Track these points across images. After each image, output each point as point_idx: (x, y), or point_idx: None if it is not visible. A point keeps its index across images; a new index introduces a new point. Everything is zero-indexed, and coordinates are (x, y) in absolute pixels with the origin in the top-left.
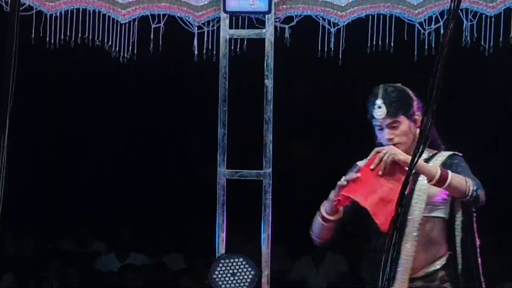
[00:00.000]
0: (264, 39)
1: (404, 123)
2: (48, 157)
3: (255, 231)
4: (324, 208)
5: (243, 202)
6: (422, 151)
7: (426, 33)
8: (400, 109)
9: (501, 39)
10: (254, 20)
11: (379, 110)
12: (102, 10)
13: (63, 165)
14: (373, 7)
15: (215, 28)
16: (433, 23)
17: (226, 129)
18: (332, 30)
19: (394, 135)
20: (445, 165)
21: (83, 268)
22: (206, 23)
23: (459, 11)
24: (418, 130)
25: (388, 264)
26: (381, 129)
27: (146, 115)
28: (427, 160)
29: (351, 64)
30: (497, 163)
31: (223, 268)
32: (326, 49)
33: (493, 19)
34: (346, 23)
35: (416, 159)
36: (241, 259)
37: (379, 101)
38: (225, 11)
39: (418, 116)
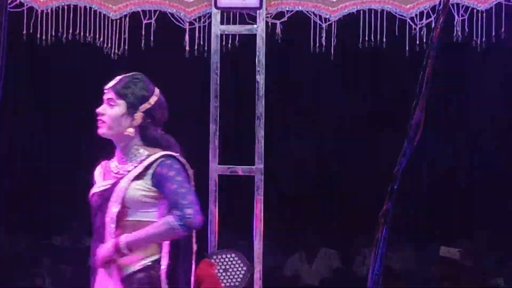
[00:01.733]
0: (255, 34)
1: (121, 108)
2: (41, 153)
3: (247, 226)
4: None
5: (235, 198)
6: (413, 147)
7: (418, 28)
8: (125, 92)
9: (493, 34)
10: (246, 15)
11: (109, 83)
12: (93, 6)
13: (56, 161)
14: (364, 2)
15: (206, 24)
16: (424, 18)
17: (218, 125)
18: (324, 25)
19: (105, 112)
20: (153, 179)
21: (76, 264)
22: (197, 19)
23: (450, 5)
24: (131, 130)
25: (377, 258)
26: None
27: None
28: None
29: (342, 59)
30: (491, 159)
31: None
32: (317, 45)
33: (484, 14)
34: (337, 18)
35: (408, 153)
36: (233, 255)
37: (116, 79)
38: (216, 7)
39: (138, 116)
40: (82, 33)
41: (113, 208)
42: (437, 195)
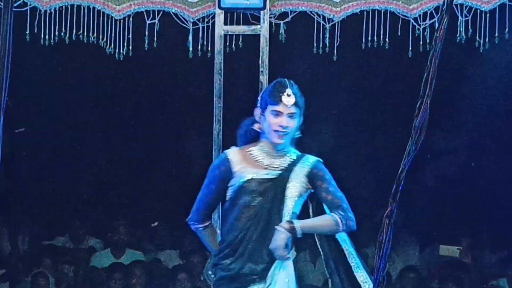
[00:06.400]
0: (259, 35)
1: (298, 119)
2: (44, 154)
3: None
4: None
5: None
6: (418, 146)
7: (421, 29)
8: (301, 104)
9: (496, 34)
10: (249, 16)
11: (290, 98)
12: (97, 6)
13: (59, 162)
14: (368, 2)
15: (210, 24)
16: (427, 18)
17: (221, 126)
18: (327, 25)
19: (289, 125)
20: (309, 176)
21: (79, 265)
22: (201, 19)
23: (454, 6)
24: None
25: (381, 259)
26: (278, 115)
27: (141, 111)
28: (294, 163)
29: (346, 60)
30: (491, 159)
31: None
32: (321, 45)
33: (488, 15)
34: (341, 18)
35: (412, 153)
36: None
37: (289, 90)
38: (220, 7)
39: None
40: (85, 33)
41: None
42: (440, 195)
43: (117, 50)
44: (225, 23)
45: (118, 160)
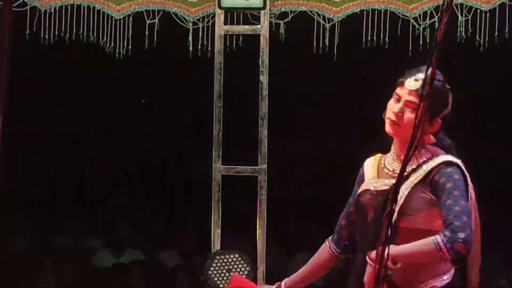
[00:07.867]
0: (259, 35)
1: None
2: (44, 153)
3: (250, 227)
4: None
5: (238, 198)
6: (416, 148)
7: (421, 28)
8: (434, 97)
9: (496, 34)
10: (249, 16)
11: (415, 83)
12: (97, 6)
13: (59, 161)
14: (367, 2)
15: (210, 24)
16: (427, 18)
17: (221, 125)
18: (327, 25)
19: (403, 114)
20: (426, 181)
21: (79, 265)
22: (201, 19)
23: (454, 6)
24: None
25: (381, 259)
26: (398, 100)
27: (140, 111)
28: (419, 167)
29: (346, 60)
30: (492, 159)
31: (219, 265)
32: (321, 45)
33: (488, 14)
34: (340, 18)
35: (410, 156)
36: (236, 255)
37: (420, 75)
38: (220, 7)
39: (437, 124)
40: (85, 33)
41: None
42: None
43: (117, 50)
44: (225, 23)
45: (118, 160)
